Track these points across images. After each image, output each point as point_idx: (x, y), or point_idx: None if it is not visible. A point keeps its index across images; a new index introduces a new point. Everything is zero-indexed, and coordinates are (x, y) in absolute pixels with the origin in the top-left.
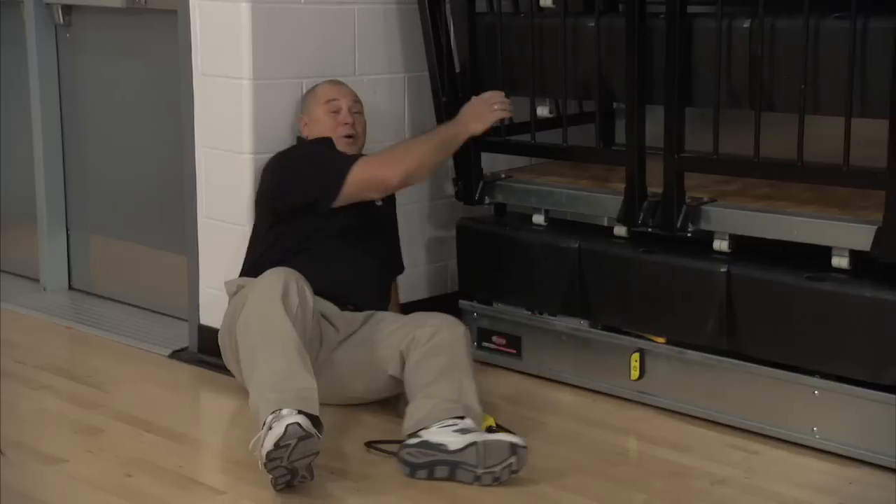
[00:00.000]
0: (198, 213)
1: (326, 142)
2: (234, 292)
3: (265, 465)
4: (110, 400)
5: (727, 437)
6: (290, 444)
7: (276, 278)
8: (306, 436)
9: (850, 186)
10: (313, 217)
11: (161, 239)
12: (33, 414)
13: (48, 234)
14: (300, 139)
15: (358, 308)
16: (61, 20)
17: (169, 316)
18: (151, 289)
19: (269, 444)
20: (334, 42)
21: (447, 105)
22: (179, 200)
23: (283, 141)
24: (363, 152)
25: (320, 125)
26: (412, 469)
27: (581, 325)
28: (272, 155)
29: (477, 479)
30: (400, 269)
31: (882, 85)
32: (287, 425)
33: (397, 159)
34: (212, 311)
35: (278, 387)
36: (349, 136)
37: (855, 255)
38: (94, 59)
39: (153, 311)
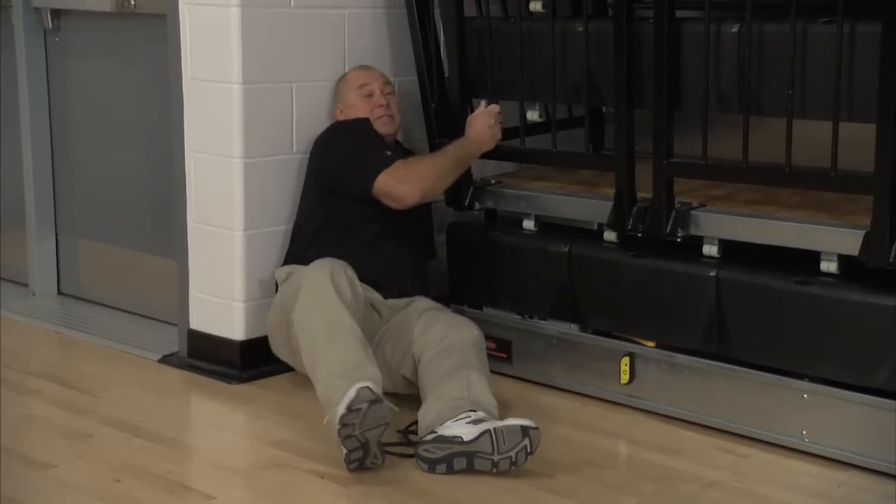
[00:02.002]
0: (187, 217)
1: (363, 122)
2: (283, 279)
3: (339, 431)
4: (99, 405)
5: (717, 441)
6: (361, 409)
7: (324, 269)
8: (377, 399)
9: (838, 191)
10: (354, 201)
11: (151, 243)
12: (22, 419)
13: (37, 239)
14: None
15: (400, 295)
16: (50, 24)
17: (158, 321)
18: (141, 293)
19: (342, 408)
20: (324, 46)
21: (437, 110)
22: (169, 205)
23: (273, 145)
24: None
25: (355, 110)
26: (431, 464)
27: (571, 329)
28: (321, 133)
29: (494, 465)
30: (432, 255)
31: (869, 89)
32: (358, 389)
33: (418, 179)
34: (201, 316)
35: (346, 375)
36: (386, 116)
37: (843, 259)
38: (84, 64)
39: (142, 316)
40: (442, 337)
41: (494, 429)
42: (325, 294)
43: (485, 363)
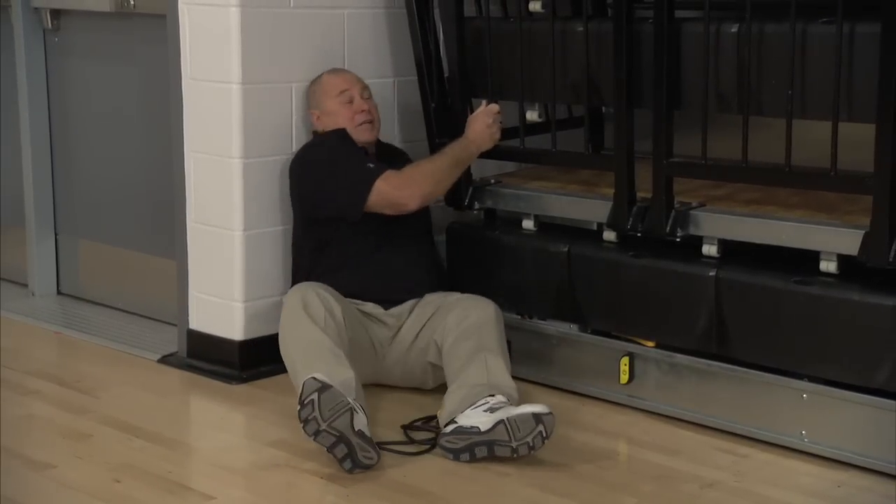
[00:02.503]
0: (187, 217)
1: (341, 133)
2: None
3: (305, 430)
4: (99, 405)
5: (716, 441)
6: (313, 399)
7: (295, 296)
8: (325, 387)
9: (837, 191)
10: (346, 222)
11: (150, 243)
12: (22, 420)
13: (37, 239)
14: (316, 134)
15: (408, 296)
16: (49, 24)
17: (158, 321)
18: (140, 293)
19: (297, 405)
20: (323, 46)
21: (437, 110)
22: (168, 205)
23: (273, 145)
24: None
25: (335, 117)
26: (455, 454)
27: (571, 329)
28: (295, 154)
29: (514, 451)
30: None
31: (869, 89)
32: (304, 382)
33: (416, 183)
34: (201, 316)
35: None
36: (367, 122)
37: (843, 259)
38: (83, 64)
39: (142, 316)
40: (460, 320)
41: (508, 418)
42: (297, 320)
43: (503, 342)
